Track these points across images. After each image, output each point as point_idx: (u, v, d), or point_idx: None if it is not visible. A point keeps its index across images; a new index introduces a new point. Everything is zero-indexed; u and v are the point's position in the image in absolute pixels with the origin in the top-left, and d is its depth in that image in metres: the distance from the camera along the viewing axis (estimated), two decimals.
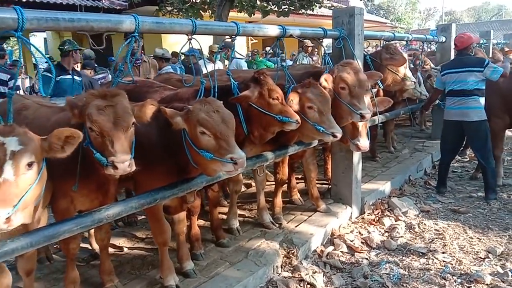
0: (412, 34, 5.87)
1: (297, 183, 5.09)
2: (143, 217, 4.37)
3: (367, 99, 3.77)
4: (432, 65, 6.40)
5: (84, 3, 12.88)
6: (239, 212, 4.57)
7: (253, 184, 5.50)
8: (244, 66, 7.76)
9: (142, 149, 2.84)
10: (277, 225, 4.14)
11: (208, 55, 8.86)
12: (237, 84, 3.18)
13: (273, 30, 3.43)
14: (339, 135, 3.17)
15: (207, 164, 2.53)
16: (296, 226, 4.18)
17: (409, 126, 8.90)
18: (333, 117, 3.80)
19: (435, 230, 4.44)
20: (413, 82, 4.94)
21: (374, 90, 4.27)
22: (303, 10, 12.43)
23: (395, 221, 4.67)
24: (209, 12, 13.34)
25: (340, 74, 3.56)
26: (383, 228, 4.51)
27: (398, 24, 34.54)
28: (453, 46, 7.13)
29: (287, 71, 3.55)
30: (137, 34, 2.48)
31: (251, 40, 19.45)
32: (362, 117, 3.45)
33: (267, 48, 13.51)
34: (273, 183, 4.57)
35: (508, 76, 5.05)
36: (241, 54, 7.46)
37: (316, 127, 3.18)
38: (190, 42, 2.80)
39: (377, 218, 4.70)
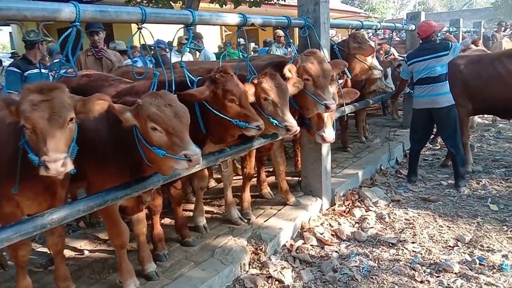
0: (381, 23, 5.80)
1: (267, 176, 4.99)
2: None
3: (332, 89, 3.67)
4: (397, 55, 6.36)
5: None
6: (207, 208, 4.45)
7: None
8: (212, 57, 7.54)
9: (93, 147, 2.69)
10: (246, 220, 4.03)
11: (177, 47, 8.63)
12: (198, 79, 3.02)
13: (232, 19, 3.28)
14: (293, 129, 3.05)
15: (161, 161, 2.38)
16: (265, 221, 4.08)
17: (381, 115, 8.91)
18: (300, 108, 3.73)
19: (405, 219, 4.41)
20: (380, 71, 4.86)
21: (341, 81, 4.18)
22: (275, 0, 12.27)
23: (366, 211, 4.62)
24: (179, 3, 13.02)
25: (303, 64, 3.45)
26: (353, 219, 4.45)
27: (372, 14, 34.68)
28: None
29: (248, 62, 3.41)
30: (78, 24, 2.29)
31: (225, 31, 19.20)
32: (327, 108, 3.35)
33: (241, 40, 13.27)
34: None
35: (468, 61, 5.14)
36: (197, 44, 7.26)
37: (270, 119, 3.06)
38: (140, 32, 2.62)
39: (348, 209, 4.64)
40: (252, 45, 14.72)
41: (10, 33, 19.80)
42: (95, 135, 2.69)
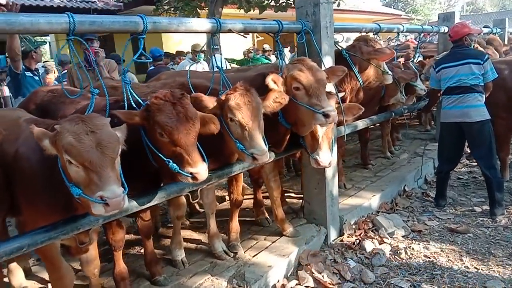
0: (405, 25, 5.11)
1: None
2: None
3: (332, 102, 3.09)
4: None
5: (76, 5, 12.48)
6: (195, 236, 3.99)
7: (228, 197, 4.90)
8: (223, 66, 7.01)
9: (24, 177, 2.30)
10: (232, 254, 3.50)
11: (191, 55, 8.31)
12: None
13: (201, 25, 2.79)
14: (260, 158, 2.50)
15: (82, 201, 1.93)
16: (254, 256, 3.53)
17: (415, 126, 8.10)
18: (295, 124, 3.17)
19: (425, 256, 3.72)
20: (391, 76, 4.19)
21: (341, 94, 3.57)
22: None
23: (379, 244, 3.97)
24: (206, 10, 12.77)
25: (291, 73, 2.89)
26: (363, 254, 3.81)
27: (415, 16, 33.08)
28: None
29: (222, 73, 2.91)
30: None
31: (257, 37, 18.82)
32: (326, 116, 2.74)
33: (265, 46, 12.85)
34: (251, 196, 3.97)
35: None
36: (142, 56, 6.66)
37: (237, 144, 2.53)
38: (69, 43, 2.18)
39: (358, 241, 4.01)
40: (287, 50, 14.17)
41: (49, 42, 20.41)
42: (26, 163, 2.29)
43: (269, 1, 11.48)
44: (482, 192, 5.11)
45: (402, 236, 4.09)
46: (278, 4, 11.52)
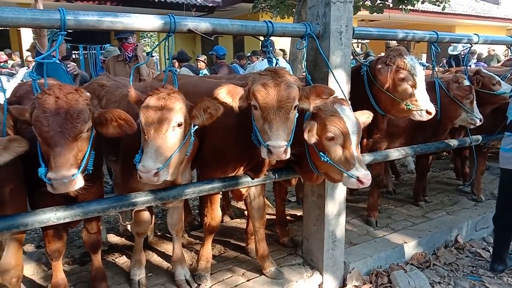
0: (481, 36, 3.96)
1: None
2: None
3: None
4: None
5: (175, 0, 12.94)
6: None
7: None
8: None
9: None
10: (196, 285, 3.07)
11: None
12: None
13: (147, 22, 2.31)
14: (144, 176, 2.05)
15: None
16: None
17: None
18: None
19: None
20: (425, 112, 3.10)
21: None
22: (403, 6, 10.49)
23: None
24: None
25: (254, 85, 2.33)
26: None
27: None
28: None
29: (175, 76, 2.50)
30: None
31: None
32: (270, 152, 2.18)
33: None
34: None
35: None
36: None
37: (136, 155, 2.20)
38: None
39: None
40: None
41: None
42: None
43: (364, 1, 10.54)
44: None
45: None
46: (374, 5, 10.51)
